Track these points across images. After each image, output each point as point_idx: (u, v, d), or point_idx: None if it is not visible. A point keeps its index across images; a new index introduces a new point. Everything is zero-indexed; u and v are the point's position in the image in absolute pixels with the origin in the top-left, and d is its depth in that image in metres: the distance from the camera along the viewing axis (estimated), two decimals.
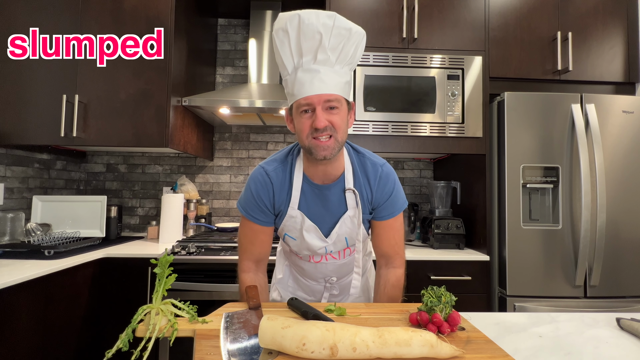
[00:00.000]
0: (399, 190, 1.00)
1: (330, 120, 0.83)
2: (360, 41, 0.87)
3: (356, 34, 0.84)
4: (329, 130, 0.84)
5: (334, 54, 0.83)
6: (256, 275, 1.00)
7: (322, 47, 0.81)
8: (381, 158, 1.02)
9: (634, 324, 0.81)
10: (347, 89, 0.88)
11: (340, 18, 0.82)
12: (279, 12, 2.31)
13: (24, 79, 1.81)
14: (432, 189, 2.21)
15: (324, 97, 0.82)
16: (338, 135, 0.85)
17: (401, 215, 1.02)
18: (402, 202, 1.01)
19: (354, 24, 0.85)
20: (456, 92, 1.89)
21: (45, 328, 1.37)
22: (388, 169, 0.99)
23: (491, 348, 0.66)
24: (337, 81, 0.84)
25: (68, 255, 1.59)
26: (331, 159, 0.87)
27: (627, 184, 1.75)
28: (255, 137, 2.53)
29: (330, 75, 0.83)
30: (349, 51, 0.85)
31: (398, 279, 1.01)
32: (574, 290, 1.72)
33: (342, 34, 0.82)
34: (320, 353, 0.58)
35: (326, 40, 0.81)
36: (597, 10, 1.98)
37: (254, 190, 0.95)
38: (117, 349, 0.68)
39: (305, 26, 0.80)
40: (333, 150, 0.86)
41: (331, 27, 0.80)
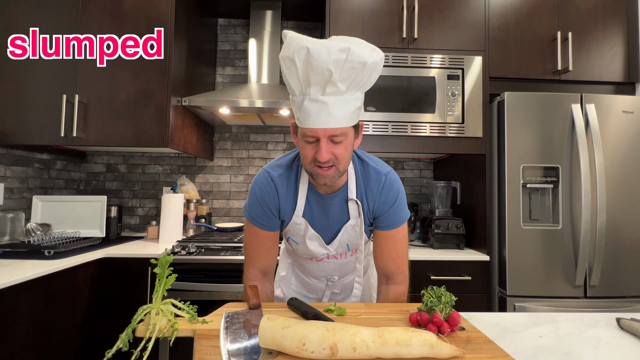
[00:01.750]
0: (402, 200, 0.97)
1: (334, 153, 0.82)
2: (374, 68, 0.81)
3: (372, 64, 0.78)
4: (331, 162, 0.83)
5: (345, 84, 0.78)
6: (263, 286, 0.99)
7: (332, 82, 0.76)
8: (387, 166, 0.99)
9: (634, 324, 0.81)
10: (356, 115, 0.84)
11: (354, 52, 0.73)
12: (279, 12, 2.31)
13: (24, 79, 1.81)
14: (432, 189, 2.21)
15: (329, 131, 0.80)
16: (340, 166, 0.85)
17: (404, 227, 0.99)
18: (405, 214, 0.99)
19: (371, 52, 0.78)
20: (456, 92, 1.89)
21: (45, 328, 1.37)
22: (392, 177, 0.97)
23: (491, 348, 0.65)
24: (346, 112, 0.80)
25: (68, 255, 1.59)
26: (332, 184, 0.87)
27: (627, 184, 1.75)
28: (255, 137, 2.53)
29: (339, 106, 0.79)
30: (361, 80, 0.80)
31: (398, 297, 0.96)
32: (574, 290, 1.72)
33: (356, 67, 0.76)
34: (320, 353, 0.58)
35: (337, 75, 0.75)
36: (597, 10, 1.98)
37: (259, 195, 0.94)
38: (117, 349, 0.68)
39: (315, 61, 0.73)
40: (333, 178, 0.85)
41: (343, 62, 0.74)
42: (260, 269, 0.99)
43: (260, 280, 0.99)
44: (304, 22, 2.58)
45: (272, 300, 1.02)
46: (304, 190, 0.95)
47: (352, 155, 0.92)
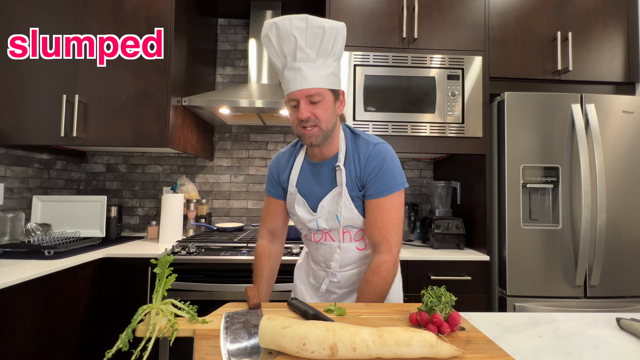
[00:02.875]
0: (390, 169, 0.98)
1: (313, 112, 0.93)
2: (336, 34, 0.93)
3: (331, 29, 0.91)
4: (312, 121, 0.94)
5: (313, 50, 0.91)
6: (270, 243, 1.18)
7: (300, 47, 0.90)
8: (380, 140, 1.02)
9: (634, 324, 0.81)
10: (331, 80, 0.95)
11: (312, 19, 0.90)
12: (279, 12, 2.32)
13: (24, 79, 1.81)
14: (432, 189, 2.21)
15: (305, 92, 0.92)
16: (322, 124, 0.95)
17: (394, 198, 0.98)
18: (394, 183, 0.97)
19: (329, 20, 0.92)
20: (456, 92, 1.89)
21: (45, 328, 1.37)
22: (381, 147, 0.99)
23: (491, 348, 0.65)
24: (319, 75, 0.92)
25: (68, 255, 1.59)
26: (318, 144, 0.99)
27: (627, 184, 1.75)
28: (255, 137, 2.53)
29: (311, 70, 0.92)
30: (327, 46, 0.92)
31: (379, 265, 0.95)
32: (574, 290, 1.72)
33: (317, 32, 0.90)
34: (320, 353, 0.58)
35: (302, 40, 0.90)
36: (597, 10, 1.98)
37: (270, 167, 1.15)
38: (117, 349, 0.68)
39: (281, 31, 0.91)
40: (318, 137, 0.96)
41: (304, 29, 0.90)
42: (268, 228, 1.19)
43: (268, 239, 1.19)
44: None
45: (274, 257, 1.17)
46: (300, 162, 1.08)
47: (336, 119, 1.00)
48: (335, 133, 1.02)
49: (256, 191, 2.51)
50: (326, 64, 0.94)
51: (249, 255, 1.68)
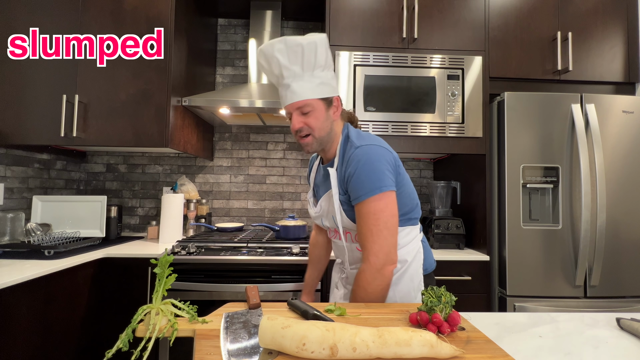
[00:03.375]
0: (365, 173, 0.94)
1: (305, 122, 1.00)
2: (316, 47, 0.97)
3: (309, 44, 0.96)
4: (305, 131, 1.01)
5: (297, 66, 0.98)
6: (317, 234, 1.36)
7: (284, 66, 0.98)
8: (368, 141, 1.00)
9: (634, 324, 0.81)
10: (319, 90, 0.99)
11: (289, 39, 0.96)
12: (279, 12, 2.32)
13: (24, 79, 1.81)
14: (432, 189, 2.21)
15: (295, 105, 0.99)
16: (315, 133, 1.01)
17: (371, 203, 0.94)
18: (368, 187, 0.94)
19: (307, 36, 0.97)
20: (456, 92, 1.89)
21: (45, 328, 1.37)
22: (360, 150, 0.97)
23: (491, 348, 0.65)
24: (307, 87, 0.98)
25: (68, 255, 1.59)
26: (316, 151, 1.06)
27: (627, 184, 1.75)
28: (255, 137, 2.53)
29: (299, 85, 0.98)
30: (310, 59, 0.97)
31: (358, 274, 0.96)
32: (574, 290, 1.72)
33: (296, 50, 0.96)
34: (320, 353, 0.58)
35: (284, 60, 0.97)
36: (597, 10, 1.98)
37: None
38: (117, 349, 0.68)
39: (267, 56, 0.99)
40: (313, 145, 1.03)
41: (285, 49, 0.96)
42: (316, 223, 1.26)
43: (317, 231, 1.36)
44: (304, 22, 2.58)
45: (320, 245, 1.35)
46: (316, 165, 1.19)
47: (329, 125, 1.03)
48: (334, 138, 1.05)
49: (256, 191, 2.51)
50: (314, 76, 0.99)
51: (249, 255, 1.68)
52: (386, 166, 0.96)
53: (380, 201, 0.94)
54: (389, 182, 0.96)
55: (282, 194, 2.51)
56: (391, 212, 0.95)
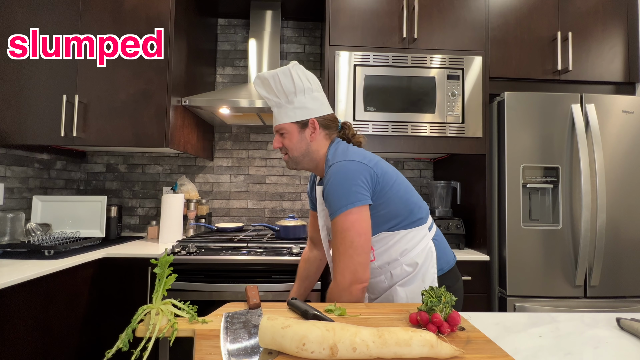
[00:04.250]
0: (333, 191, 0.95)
1: (283, 143, 1.10)
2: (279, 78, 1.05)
3: (272, 76, 1.05)
4: (283, 150, 1.12)
5: (272, 95, 1.09)
6: (309, 250, 1.37)
7: (265, 97, 1.11)
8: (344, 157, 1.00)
9: (634, 324, 0.81)
10: (292, 114, 1.07)
11: (262, 75, 1.08)
12: (279, 12, 2.32)
13: (24, 79, 1.81)
14: (432, 189, 2.21)
15: (275, 128, 1.12)
16: (291, 153, 1.10)
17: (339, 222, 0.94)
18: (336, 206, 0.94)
19: (272, 71, 1.07)
20: (456, 92, 1.89)
21: (45, 328, 1.37)
22: (333, 169, 0.98)
23: (491, 348, 0.65)
24: (283, 113, 1.08)
25: (68, 255, 1.59)
26: (294, 168, 1.15)
27: (627, 184, 1.75)
28: (255, 137, 2.53)
29: (279, 112, 1.09)
30: (279, 89, 1.06)
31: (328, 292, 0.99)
32: (574, 290, 1.72)
33: (266, 83, 1.08)
34: (320, 353, 0.58)
35: (263, 92, 1.10)
36: (597, 10, 1.98)
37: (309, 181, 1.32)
38: (117, 349, 0.68)
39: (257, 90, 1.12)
40: (289, 163, 1.13)
41: (260, 83, 1.09)
42: (310, 237, 1.37)
43: (309, 246, 1.37)
44: (304, 22, 2.58)
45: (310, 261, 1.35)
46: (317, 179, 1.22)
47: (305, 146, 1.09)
48: (315, 157, 1.10)
49: (256, 191, 2.51)
50: (289, 101, 1.07)
51: (249, 255, 1.68)
52: (356, 181, 0.95)
53: (347, 218, 0.93)
54: (358, 198, 0.94)
55: (282, 194, 2.51)
56: (358, 231, 0.93)
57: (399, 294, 1.03)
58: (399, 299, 1.02)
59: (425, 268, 1.04)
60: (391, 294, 1.04)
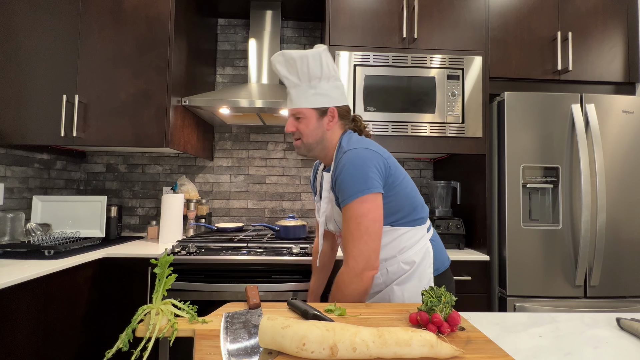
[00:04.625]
0: (348, 177, 0.96)
1: (297, 127, 1.08)
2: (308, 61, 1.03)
3: (300, 57, 1.02)
4: (296, 135, 1.09)
5: (294, 76, 1.06)
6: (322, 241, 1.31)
7: (284, 76, 1.07)
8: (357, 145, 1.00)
9: (634, 324, 0.81)
10: (314, 100, 1.06)
11: (286, 52, 1.04)
12: (279, 12, 2.32)
13: (24, 79, 1.81)
14: (432, 189, 2.21)
15: (290, 111, 1.09)
16: (304, 139, 1.08)
17: (353, 207, 0.94)
18: (350, 191, 0.94)
19: (301, 50, 1.04)
20: (456, 92, 1.89)
21: (45, 328, 1.37)
22: (346, 155, 0.98)
23: (491, 348, 0.65)
24: (301, 97, 1.05)
25: (68, 255, 1.59)
26: (304, 155, 1.12)
27: (627, 184, 1.75)
28: (255, 137, 2.53)
29: (296, 93, 1.06)
30: (304, 71, 1.03)
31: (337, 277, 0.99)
32: (574, 290, 1.72)
33: (291, 63, 1.04)
34: (320, 353, 0.59)
35: (284, 71, 1.06)
36: (597, 10, 1.98)
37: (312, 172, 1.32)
38: (117, 349, 0.68)
39: (274, 65, 1.08)
40: (301, 148, 1.10)
41: (283, 61, 1.05)
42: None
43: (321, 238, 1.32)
44: (304, 22, 2.58)
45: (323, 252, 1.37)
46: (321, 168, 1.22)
47: (321, 134, 1.08)
48: (327, 145, 1.09)
49: (256, 191, 2.51)
50: (310, 86, 1.05)
51: (249, 255, 1.68)
52: (372, 169, 0.96)
53: (363, 205, 0.94)
54: (374, 185, 0.95)
55: (282, 194, 2.51)
56: (373, 217, 0.95)
57: (396, 293, 1.03)
58: (396, 298, 1.03)
59: (423, 267, 1.04)
60: (388, 293, 1.05)
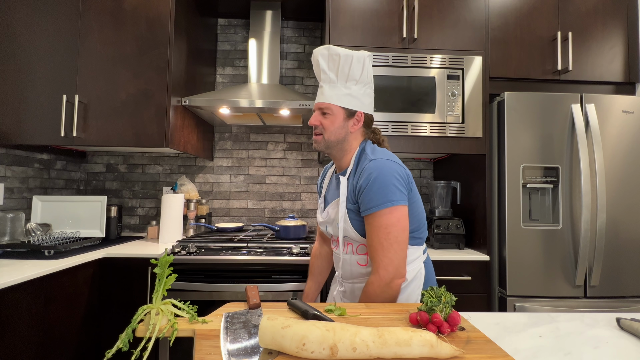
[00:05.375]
0: (378, 185, 0.96)
1: (321, 122, 1.08)
2: (351, 61, 1.05)
3: (345, 56, 1.04)
4: (319, 129, 1.09)
5: (333, 73, 1.07)
6: (320, 246, 1.37)
7: (323, 70, 1.08)
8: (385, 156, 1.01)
9: (634, 324, 0.81)
10: (345, 100, 1.07)
11: (333, 48, 1.06)
12: (279, 12, 2.32)
13: (24, 79, 1.81)
14: (432, 189, 2.21)
15: (319, 104, 1.09)
16: (326, 134, 1.08)
17: (382, 216, 0.95)
18: (380, 200, 0.95)
19: (347, 50, 1.06)
20: (456, 92, 1.89)
21: (45, 328, 1.37)
22: (375, 163, 0.99)
23: (491, 348, 0.65)
24: (334, 94, 1.06)
25: (68, 255, 1.59)
26: (322, 150, 1.11)
27: (627, 184, 1.75)
28: (255, 137, 2.53)
29: (329, 89, 1.07)
30: (344, 70, 1.05)
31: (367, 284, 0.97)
32: (574, 290, 1.72)
33: (334, 58, 1.06)
34: (320, 353, 0.58)
35: (324, 64, 1.08)
36: (597, 10, 1.98)
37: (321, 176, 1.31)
38: (117, 349, 0.68)
39: (314, 57, 1.10)
40: (320, 144, 1.09)
41: (327, 55, 1.07)
42: (320, 232, 1.37)
43: (320, 243, 1.37)
44: (304, 22, 2.58)
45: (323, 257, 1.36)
46: (331, 172, 1.22)
47: (344, 134, 1.08)
48: (347, 148, 1.10)
49: (256, 191, 2.51)
50: (345, 86, 1.07)
51: (249, 255, 1.68)
52: (399, 181, 0.98)
53: (392, 215, 0.95)
54: (401, 197, 0.97)
55: (282, 194, 2.51)
56: (402, 227, 0.97)
57: None
58: None
59: (412, 288, 1.04)
60: None
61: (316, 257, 1.37)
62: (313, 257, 1.38)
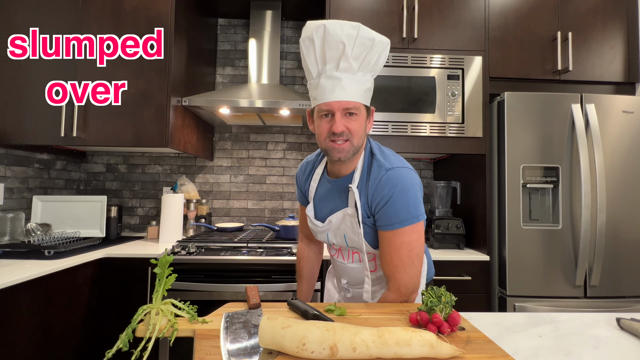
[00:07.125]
0: (401, 200, 0.88)
1: (348, 126, 0.89)
2: (383, 50, 0.91)
3: (379, 43, 0.89)
4: (345, 135, 0.90)
5: (357, 62, 0.88)
6: (307, 247, 1.24)
7: (345, 56, 0.86)
8: (399, 163, 0.94)
9: (634, 324, 0.81)
10: (367, 96, 0.93)
11: (364, 28, 0.86)
12: (279, 12, 2.32)
13: (24, 79, 1.81)
14: (432, 189, 2.21)
15: (343, 104, 0.88)
16: (354, 140, 0.91)
17: (405, 233, 0.89)
18: (404, 216, 0.88)
19: (378, 34, 0.89)
20: (456, 92, 1.89)
21: (45, 328, 1.37)
22: (393, 174, 0.91)
23: (491, 348, 0.65)
24: (358, 89, 0.89)
25: (68, 255, 1.59)
26: (347, 160, 0.94)
27: (627, 184, 1.75)
28: (255, 137, 2.53)
29: (351, 83, 0.88)
30: (371, 60, 0.89)
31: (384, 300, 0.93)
32: (574, 290, 1.72)
33: (365, 43, 0.87)
34: (320, 353, 0.58)
35: (349, 49, 0.86)
36: (597, 10, 1.98)
37: (297, 174, 1.17)
38: (117, 349, 0.68)
39: (330, 36, 0.85)
40: (348, 153, 0.92)
41: (355, 37, 0.85)
42: (304, 233, 1.23)
43: (306, 243, 1.25)
44: (304, 22, 2.56)
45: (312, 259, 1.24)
46: (318, 175, 1.06)
47: (365, 136, 0.96)
48: (359, 151, 0.97)
49: (256, 191, 2.51)
50: (365, 78, 0.91)
51: (249, 255, 1.68)
52: (420, 193, 0.93)
53: (414, 232, 0.90)
54: (423, 210, 0.92)
55: (282, 194, 2.51)
56: (422, 241, 0.93)
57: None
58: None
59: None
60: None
61: (305, 259, 1.23)
62: (301, 260, 1.24)
